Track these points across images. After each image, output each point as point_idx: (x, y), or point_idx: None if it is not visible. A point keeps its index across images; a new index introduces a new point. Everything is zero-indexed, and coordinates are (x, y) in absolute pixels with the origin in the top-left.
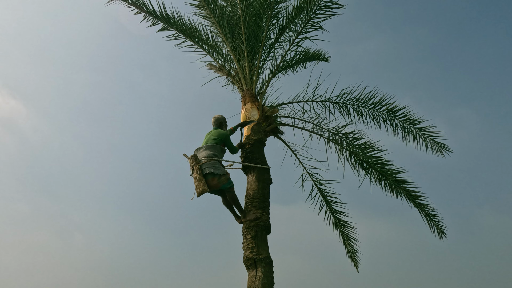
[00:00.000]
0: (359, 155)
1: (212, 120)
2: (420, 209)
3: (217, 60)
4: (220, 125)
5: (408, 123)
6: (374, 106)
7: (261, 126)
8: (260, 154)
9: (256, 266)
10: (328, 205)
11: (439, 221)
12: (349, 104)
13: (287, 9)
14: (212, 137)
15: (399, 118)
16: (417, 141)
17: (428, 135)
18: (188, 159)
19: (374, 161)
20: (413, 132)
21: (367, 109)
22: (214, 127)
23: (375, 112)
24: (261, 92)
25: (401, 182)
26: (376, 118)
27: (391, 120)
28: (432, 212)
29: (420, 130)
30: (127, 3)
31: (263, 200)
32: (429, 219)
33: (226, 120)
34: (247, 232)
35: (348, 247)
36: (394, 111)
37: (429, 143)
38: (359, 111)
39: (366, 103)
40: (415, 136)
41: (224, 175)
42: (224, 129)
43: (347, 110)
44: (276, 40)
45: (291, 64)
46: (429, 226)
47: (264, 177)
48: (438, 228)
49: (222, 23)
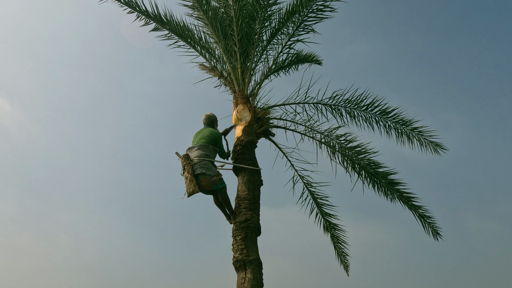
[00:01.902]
0: (351, 157)
1: (203, 118)
2: (414, 211)
3: (209, 61)
4: (211, 123)
5: (400, 124)
6: (367, 107)
7: (253, 128)
8: (251, 155)
9: (246, 268)
10: (319, 207)
11: (434, 222)
12: (341, 106)
13: (280, 12)
14: (204, 136)
15: (392, 119)
16: (411, 141)
17: (421, 135)
18: (180, 158)
19: (366, 163)
20: (407, 133)
21: (359, 110)
22: (206, 126)
23: (367, 114)
24: (253, 93)
25: (394, 184)
26: (368, 120)
27: (384, 122)
28: (427, 213)
29: (414, 131)
30: (119, 2)
31: (253, 202)
32: (423, 220)
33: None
34: (236, 233)
35: (339, 250)
36: (387, 112)
37: (424, 142)
38: (351, 113)
39: (358, 105)
40: (408, 136)
41: (216, 175)
42: (215, 128)
43: (339, 112)
44: (269, 42)
45: (284, 66)
46: (424, 228)
47: (254, 179)
48: (433, 229)
49: (215, 24)
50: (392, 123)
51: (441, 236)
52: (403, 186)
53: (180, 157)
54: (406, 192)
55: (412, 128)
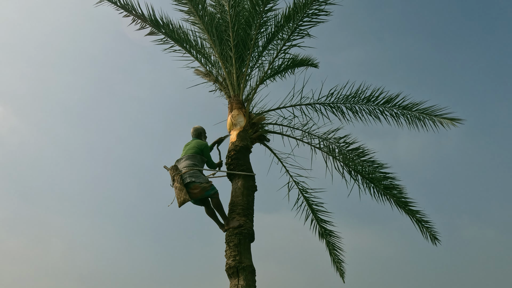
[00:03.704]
0: (350, 160)
1: (191, 131)
2: (411, 216)
3: (204, 66)
4: (199, 135)
5: (407, 109)
6: (368, 99)
7: (247, 133)
8: (245, 160)
9: (239, 274)
10: (314, 214)
11: (432, 226)
12: (341, 103)
13: (276, 18)
14: (191, 147)
15: (399, 106)
16: (424, 123)
17: (433, 113)
18: (169, 170)
19: (365, 167)
20: (417, 116)
21: (361, 104)
22: (193, 138)
23: (370, 106)
24: (248, 99)
25: (391, 189)
26: (373, 112)
27: (390, 110)
28: (424, 218)
29: (424, 112)
30: (115, 5)
31: (247, 208)
32: (421, 225)
33: (205, 131)
34: (230, 239)
35: (334, 257)
36: (392, 99)
37: (436, 121)
38: (353, 109)
39: (358, 98)
40: (419, 119)
41: (206, 182)
42: (203, 139)
43: (340, 110)
44: (265, 48)
45: (279, 71)
46: (422, 233)
47: (249, 184)
48: (431, 234)
49: (211, 30)
50: (399, 110)
51: (439, 241)
52: (399, 191)
53: (169, 169)
54: (403, 197)
55: (422, 109)
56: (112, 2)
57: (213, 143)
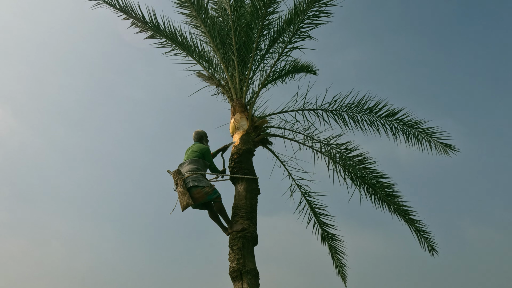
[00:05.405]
0: (350, 167)
1: (193, 134)
2: (411, 225)
3: (207, 69)
4: (200, 139)
5: (408, 125)
6: (371, 110)
7: (250, 136)
8: (248, 164)
9: (242, 278)
10: (317, 217)
11: (430, 237)
12: (343, 111)
13: (278, 21)
14: (193, 151)
15: (400, 122)
16: (421, 143)
17: (430, 136)
18: (172, 175)
19: (366, 173)
20: (415, 134)
21: (363, 114)
22: (195, 142)
23: (372, 117)
24: (251, 102)
25: (392, 196)
26: (374, 124)
27: (390, 124)
28: (424, 228)
29: (422, 132)
30: (114, 8)
31: (250, 211)
32: (419, 235)
33: (207, 134)
34: (233, 243)
35: (336, 261)
36: (394, 114)
37: (433, 144)
38: (355, 118)
39: (361, 108)
40: (417, 138)
41: (209, 186)
42: (204, 143)
43: (342, 117)
44: (267, 51)
45: (281, 75)
46: (420, 243)
47: (252, 188)
48: (429, 244)
49: (213, 33)
50: (399, 125)
51: (437, 252)
52: (401, 199)
53: (172, 173)
54: (404, 205)
55: (421, 129)
56: (110, 4)
57: (217, 151)
